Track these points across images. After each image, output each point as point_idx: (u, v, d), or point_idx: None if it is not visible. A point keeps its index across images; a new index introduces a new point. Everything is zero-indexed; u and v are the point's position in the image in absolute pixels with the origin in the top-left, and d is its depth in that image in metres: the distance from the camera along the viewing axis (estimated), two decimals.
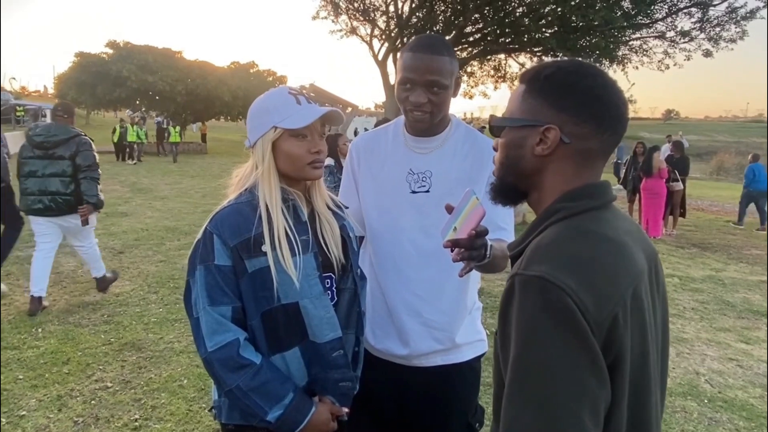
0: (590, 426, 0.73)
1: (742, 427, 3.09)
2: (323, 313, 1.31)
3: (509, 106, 0.97)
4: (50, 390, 3.12)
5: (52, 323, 4.10)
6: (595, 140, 0.89)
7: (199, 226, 1.36)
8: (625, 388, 0.80)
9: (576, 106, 0.87)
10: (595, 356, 0.75)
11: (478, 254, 1.14)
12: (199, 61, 30.11)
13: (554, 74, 0.90)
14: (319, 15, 17.80)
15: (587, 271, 0.78)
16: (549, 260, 0.79)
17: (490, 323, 4.47)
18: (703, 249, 8.21)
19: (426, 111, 1.47)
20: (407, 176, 1.56)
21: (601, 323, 0.76)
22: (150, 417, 2.90)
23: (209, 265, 1.26)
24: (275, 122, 1.28)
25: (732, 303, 5.47)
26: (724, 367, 3.91)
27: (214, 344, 1.23)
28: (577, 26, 14.88)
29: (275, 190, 1.30)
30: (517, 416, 0.75)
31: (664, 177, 8.67)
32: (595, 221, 0.87)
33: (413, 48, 1.46)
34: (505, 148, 0.96)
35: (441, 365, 1.59)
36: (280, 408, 1.25)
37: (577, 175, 0.90)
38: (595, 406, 0.75)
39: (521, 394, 0.76)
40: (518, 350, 0.77)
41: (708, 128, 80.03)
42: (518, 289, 0.80)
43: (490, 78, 19.35)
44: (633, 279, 0.82)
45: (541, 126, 0.89)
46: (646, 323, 0.84)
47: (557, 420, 0.72)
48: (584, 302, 0.75)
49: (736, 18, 14.22)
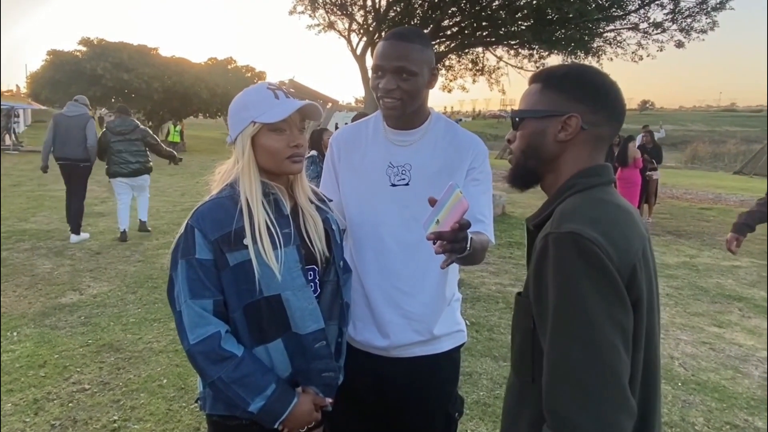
0: (623, 351, 0.88)
1: (714, 408, 3.18)
2: (306, 305, 1.33)
3: (526, 102, 1.10)
4: (26, 394, 3.07)
5: (27, 326, 4.03)
6: (607, 127, 1.05)
7: (178, 224, 1.36)
8: (643, 329, 0.94)
9: (592, 98, 1.03)
10: (621, 292, 0.89)
11: (460, 247, 1.16)
12: (175, 57, 29.63)
13: (569, 73, 1.07)
14: (296, 10, 17.60)
15: (608, 229, 0.92)
16: (576, 220, 0.93)
17: (469, 314, 4.53)
18: (678, 236, 8.39)
19: (396, 98, 1.48)
20: (387, 169, 1.58)
21: (624, 271, 0.90)
22: (129, 418, 2.87)
23: (191, 259, 1.27)
24: (253, 117, 1.31)
25: (705, 288, 5.61)
26: (698, 351, 4.02)
27: (196, 337, 1.25)
28: (552, 19, 14.97)
29: (255, 184, 1.32)
30: (565, 353, 0.88)
31: (639, 167, 8.82)
32: (606, 193, 1.02)
33: (385, 37, 1.50)
34: (527, 137, 1.09)
35: (420, 356, 1.61)
36: (262, 399, 1.27)
37: (590, 157, 1.06)
38: (626, 333, 0.89)
39: (566, 332, 0.89)
40: (558, 297, 0.90)
41: (682, 118, 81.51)
42: (552, 245, 0.92)
43: (468, 71, 19.38)
44: (641, 240, 0.97)
45: (563, 115, 1.03)
46: (652, 280, 0.99)
47: (599, 348, 0.86)
48: (609, 252, 0.89)
49: (707, 9, 14.44)
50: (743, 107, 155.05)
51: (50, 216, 7.93)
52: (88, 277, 5.23)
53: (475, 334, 4.10)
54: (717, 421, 3.04)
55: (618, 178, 9.01)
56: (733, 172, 22.99)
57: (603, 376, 0.85)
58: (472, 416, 2.96)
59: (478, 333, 4.12)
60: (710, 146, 34.02)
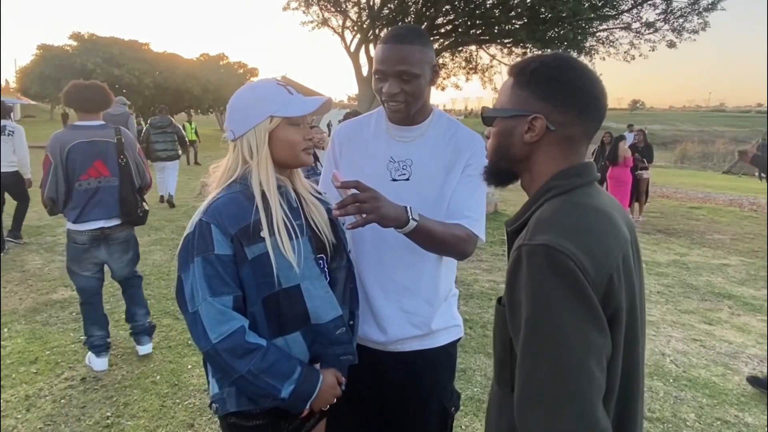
0: (597, 372, 0.83)
1: (705, 404, 3.22)
2: (323, 293, 1.35)
3: (500, 98, 1.06)
4: (18, 390, 3.05)
5: (18, 322, 4.00)
6: (578, 126, 0.99)
7: (169, 221, 1.36)
8: (621, 340, 0.90)
9: (560, 97, 0.97)
10: (596, 311, 0.84)
11: (369, 206, 1.24)
12: (167, 53, 29.49)
13: (539, 68, 0.99)
14: (289, 6, 17.58)
15: (585, 239, 0.88)
16: (551, 230, 0.88)
17: (463, 311, 4.54)
18: (668, 234, 8.45)
19: (400, 101, 1.49)
20: (388, 164, 1.59)
21: (599, 283, 0.86)
22: (122, 414, 2.86)
23: (209, 256, 1.26)
24: (272, 112, 1.32)
25: (695, 286, 5.66)
26: (688, 348, 4.06)
27: (219, 335, 1.24)
28: (545, 18, 15.07)
29: (272, 178, 1.33)
30: (533, 371, 0.84)
31: (630, 165, 8.87)
32: (585, 196, 0.97)
33: (384, 40, 1.49)
34: (497, 137, 1.05)
35: (417, 350, 1.62)
36: (291, 383, 1.28)
37: (564, 157, 1.00)
38: (600, 355, 0.84)
39: (535, 351, 0.85)
40: (529, 312, 0.86)
41: (672, 118, 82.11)
42: (525, 258, 0.88)
43: (461, 69, 19.47)
44: (622, 246, 0.93)
45: (529, 115, 0.98)
46: (634, 285, 0.95)
47: (568, 370, 0.82)
48: (584, 264, 0.84)
49: (698, 9, 14.60)
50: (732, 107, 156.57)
51: (41, 212, 7.84)
52: None
53: (469, 330, 4.12)
54: (708, 417, 3.08)
55: (609, 176, 9.08)
56: (722, 172, 23.23)
57: (571, 399, 0.81)
58: (466, 412, 2.97)
59: (471, 330, 4.14)
60: (700, 146, 34.31)
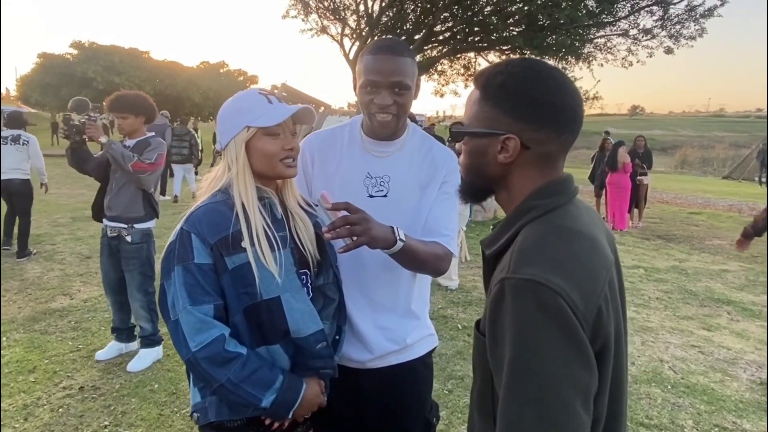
0: (583, 414, 0.78)
1: (703, 411, 3.21)
2: (303, 306, 1.33)
3: (467, 111, 0.99)
4: (16, 399, 3.05)
5: (17, 331, 4.00)
6: (555, 143, 0.92)
7: (168, 228, 1.36)
8: (609, 373, 0.86)
9: (532, 114, 0.90)
10: (586, 350, 0.80)
11: (360, 229, 1.24)
12: (167, 61, 29.67)
13: (506, 82, 0.92)
14: (289, 14, 17.65)
15: (572, 271, 0.82)
16: (536, 263, 0.83)
17: (461, 318, 4.54)
18: (668, 240, 8.46)
19: (392, 113, 1.46)
20: (365, 180, 1.54)
21: (588, 317, 0.81)
22: (120, 423, 2.86)
23: (188, 265, 1.25)
24: (248, 122, 1.30)
25: (694, 292, 5.66)
26: (687, 354, 4.05)
27: (198, 343, 1.23)
28: (543, 25, 15.12)
29: (250, 188, 1.32)
30: (518, 413, 0.79)
31: (629, 171, 8.90)
32: (567, 218, 0.91)
33: (375, 51, 1.44)
34: (470, 156, 0.99)
35: (395, 364, 1.60)
36: (273, 393, 1.27)
37: (541, 175, 0.94)
38: (587, 395, 0.80)
39: (520, 393, 0.79)
40: (514, 353, 0.80)
41: (672, 123, 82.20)
42: (510, 293, 0.82)
43: (460, 76, 19.51)
44: (607, 271, 0.88)
45: (502, 135, 0.91)
46: (618, 307, 0.90)
47: (555, 413, 0.77)
48: (573, 300, 0.79)
49: (695, 16, 14.66)
50: (732, 113, 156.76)
51: (40, 220, 7.86)
52: (78, 282, 5.19)
53: (467, 338, 4.12)
54: (706, 424, 3.07)
55: (608, 182, 9.11)
56: (722, 177, 23.25)
57: None
58: (463, 420, 2.97)
59: (470, 337, 4.13)
60: (699, 151, 34.32)
